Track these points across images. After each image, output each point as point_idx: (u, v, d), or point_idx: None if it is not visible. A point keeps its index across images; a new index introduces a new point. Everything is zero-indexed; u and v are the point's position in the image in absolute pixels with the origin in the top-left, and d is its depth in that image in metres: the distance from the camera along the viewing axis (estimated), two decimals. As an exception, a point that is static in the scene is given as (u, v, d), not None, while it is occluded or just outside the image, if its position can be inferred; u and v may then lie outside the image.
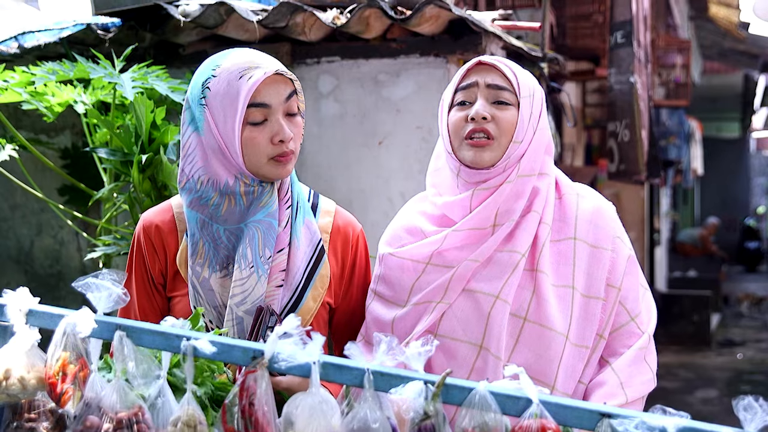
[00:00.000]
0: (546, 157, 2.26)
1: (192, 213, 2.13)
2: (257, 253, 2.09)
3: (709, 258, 16.75)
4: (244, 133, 2.06)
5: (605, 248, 2.21)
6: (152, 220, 2.22)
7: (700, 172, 15.96)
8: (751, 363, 10.55)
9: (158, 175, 3.16)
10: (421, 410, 1.39)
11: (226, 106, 2.06)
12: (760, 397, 1.31)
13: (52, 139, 4.23)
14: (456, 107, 2.23)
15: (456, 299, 2.16)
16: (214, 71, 2.11)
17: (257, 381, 1.44)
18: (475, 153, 2.17)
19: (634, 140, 6.28)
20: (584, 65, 7.42)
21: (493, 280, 2.15)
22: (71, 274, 4.25)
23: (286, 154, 2.11)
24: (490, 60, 2.21)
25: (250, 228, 2.10)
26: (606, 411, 1.36)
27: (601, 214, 2.26)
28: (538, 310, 2.13)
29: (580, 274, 2.18)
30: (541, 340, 2.11)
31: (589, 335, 2.15)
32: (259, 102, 2.06)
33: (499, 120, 2.16)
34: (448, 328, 2.15)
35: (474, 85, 2.20)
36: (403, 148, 3.85)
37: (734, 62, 15.54)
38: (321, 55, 3.92)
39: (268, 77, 2.07)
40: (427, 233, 2.25)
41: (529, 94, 2.19)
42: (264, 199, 2.12)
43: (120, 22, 3.73)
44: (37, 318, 1.67)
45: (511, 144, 2.16)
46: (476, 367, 2.10)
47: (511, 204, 2.18)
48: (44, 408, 1.66)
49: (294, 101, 2.13)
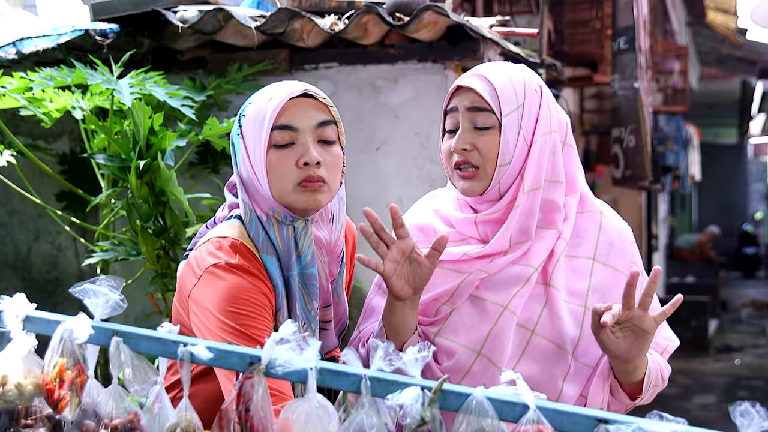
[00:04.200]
0: (557, 160, 2.18)
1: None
2: (305, 309, 2.06)
3: (707, 264, 16.76)
4: (269, 156, 1.99)
5: (622, 272, 2.20)
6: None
7: (697, 177, 15.96)
8: (749, 369, 10.55)
9: (156, 181, 3.16)
10: (417, 416, 1.39)
11: (255, 130, 2.00)
12: (756, 402, 1.31)
13: (49, 145, 4.23)
14: (446, 134, 2.19)
15: (462, 304, 2.15)
16: (251, 101, 2.06)
17: (254, 387, 1.44)
18: (464, 184, 2.14)
19: (640, 146, 6.28)
20: (582, 71, 7.43)
21: (503, 290, 2.12)
22: (69, 280, 4.25)
23: (313, 179, 1.99)
24: (467, 83, 2.13)
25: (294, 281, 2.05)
26: (603, 417, 1.36)
27: (622, 238, 2.24)
28: (547, 325, 2.11)
29: (593, 295, 2.16)
30: (548, 355, 2.10)
31: (594, 354, 2.13)
32: (284, 124, 1.99)
33: (481, 148, 2.10)
34: (451, 331, 2.14)
35: (455, 110, 2.15)
36: (401, 154, 3.86)
37: (732, 68, 15.57)
38: (319, 61, 3.93)
39: (298, 100, 2.01)
40: (439, 233, 2.22)
41: (516, 106, 2.10)
42: (300, 243, 2.04)
43: (118, 28, 3.73)
44: (34, 324, 1.67)
45: (497, 169, 2.11)
46: (472, 371, 2.10)
47: (525, 224, 2.13)
48: (41, 414, 1.65)
49: (330, 129, 2.04)
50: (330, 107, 2.06)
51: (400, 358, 1.43)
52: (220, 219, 2.17)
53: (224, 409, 1.45)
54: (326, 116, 2.04)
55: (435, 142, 3.78)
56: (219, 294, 1.92)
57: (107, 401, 1.54)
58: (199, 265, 1.98)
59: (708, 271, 16.25)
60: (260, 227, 2.03)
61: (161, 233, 3.24)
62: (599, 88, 8.38)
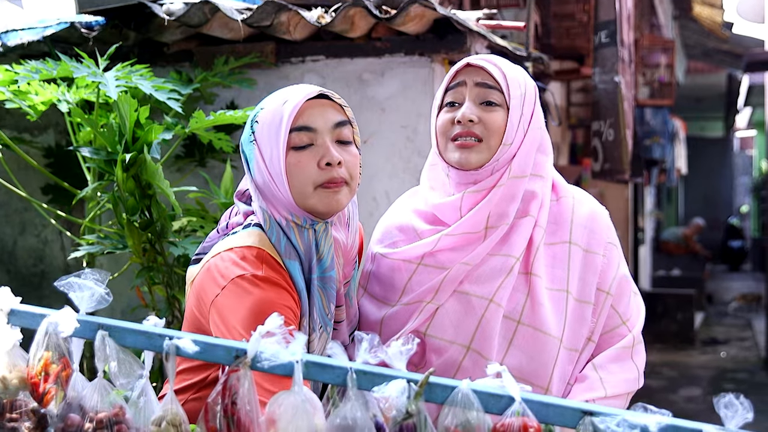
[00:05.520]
0: (541, 157, 2.24)
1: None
2: (322, 312, 2.04)
3: (693, 257, 16.83)
4: (289, 159, 1.97)
5: (598, 253, 2.22)
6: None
7: (684, 171, 16.03)
8: (734, 361, 10.61)
9: (142, 174, 3.14)
10: (403, 409, 1.39)
11: (271, 134, 1.98)
12: (741, 394, 1.32)
13: (35, 138, 4.21)
14: (445, 108, 2.21)
15: (448, 300, 2.15)
16: (263, 106, 2.04)
17: (240, 380, 1.44)
18: (461, 155, 2.15)
19: (619, 139, 6.31)
20: (569, 64, 7.45)
21: (487, 283, 2.14)
22: (55, 274, 4.23)
23: (336, 181, 1.99)
24: (478, 62, 2.18)
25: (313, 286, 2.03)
26: (588, 409, 1.36)
27: (596, 219, 2.27)
28: (532, 314, 2.13)
29: (574, 279, 2.18)
30: (535, 344, 2.11)
31: (579, 339, 2.15)
32: (302, 125, 1.97)
33: (487, 122, 2.13)
34: (438, 328, 2.14)
35: (462, 84, 2.17)
36: (387, 148, 3.86)
37: (718, 62, 15.64)
38: (306, 54, 3.92)
39: (313, 101, 2.00)
40: (419, 231, 2.24)
41: (520, 94, 2.16)
42: (321, 247, 2.02)
43: (104, 21, 3.71)
44: (18, 317, 1.67)
45: (501, 146, 2.14)
46: (463, 366, 2.10)
47: (504, 207, 2.17)
48: (26, 408, 1.65)
49: (347, 129, 2.04)
50: (345, 108, 2.06)
51: (385, 351, 1.43)
52: (233, 225, 2.13)
53: (210, 402, 1.45)
54: (342, 116, 2.04)
55: (422, 135, 3.78)
56: (245, 309, 1.88)
57: (92, 395, 1.54)
58: (223, 275, 1.94)
59: (694, 264, 16.33)
60: (281, 232, 2.01)
61: (147, 226, 3.23)
62: (586, 82, 8.39)
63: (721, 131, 24.02)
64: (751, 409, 1.31)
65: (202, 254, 2.10)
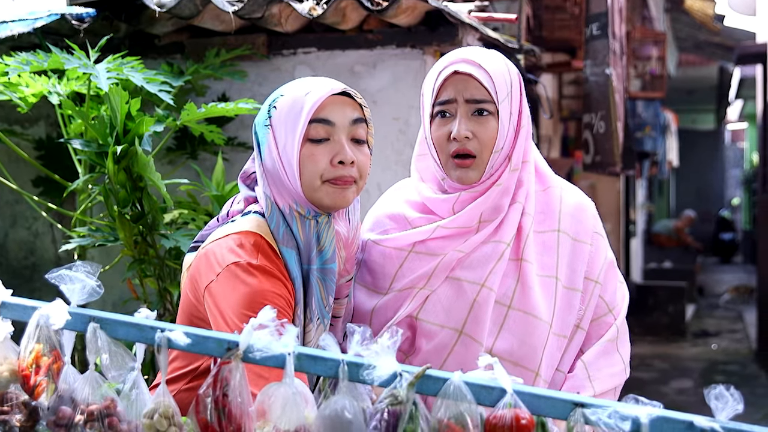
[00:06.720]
0: (528, 144, 2.25)
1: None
2: (321, 304, 2.04)
3: (685, 249, 16.87)
4: (303, 150, 1.98)
5: (585, 242, 2.24)
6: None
7: (675, 163, 16.05)
8: (725, 353, 10.64)
9: (133, 167, 3.14)
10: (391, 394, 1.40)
11: (288, 122, 1.98)
12: (731, 386, 1.32)
13: (26, 130, 4.20)
14: (438, 118, 2.20)
15: (440, 286, 2.16)
16: (283, 92, 2.05)
17: (231, 372, 1.44)
18: (461, 173, 2.17)
19: (610, 132, 6.31)
20: (561, 57, 7.44)
21: (479, 268, 2.16)
22: (46, 266, 4.23)
23: (346, 179, 2.00)
24: (466, 69, 2.15)
25: (312, 276, 2.03)
26: (579, 400, 1.37)
27: (583, 210, 2.29)
28: (522, 298, 2.15)
29: (562, 266, 2.21)
30: (526, 327, 2.13)
31: (568, 325, 2.18)
32: (322, 117, 1.98)
33: (480, 135, 2.13)
34: (431, 313, 2.16)
35: (453, 101, 2.16)
36: (380, 140, 3.85)
37: (709, 54, 15.64)
38: (297, 47, 3.91)
39: (335, 96, 2.01)
40: (410, 220, 2.24)
41: (507, 93, 2.16)
42: (322, 238, 2.03)
43: (95, 13, 3.70)
44: (9, 310, 1.66)
45: (492, 155, 2.15)
46: (455, 350, 2.12)
47: (499, 201, 2.19)
48: (17, 400, 1.64)
49: (362, 128, 2.05)
50: (364, 108, 2.08)
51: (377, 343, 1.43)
52: (233, 213, 2.13)
53: (201, 394, 1.45)
54: (359, 113, 2.05)
55: (414, 127, 3.78)
56: (238, 297, 1.88)
57: (84, 387, 1.54)
58: (219, 261, 1.95)
59: (685, 256, 16.38)
60: (282, 220, 2.02)
61: (139, 219, 3.23)
62: (577, 74, 8.39)
63: (713, 124, 24.08)
64: (742, 400, 1.32)
65: (200, 242, 2.10)
